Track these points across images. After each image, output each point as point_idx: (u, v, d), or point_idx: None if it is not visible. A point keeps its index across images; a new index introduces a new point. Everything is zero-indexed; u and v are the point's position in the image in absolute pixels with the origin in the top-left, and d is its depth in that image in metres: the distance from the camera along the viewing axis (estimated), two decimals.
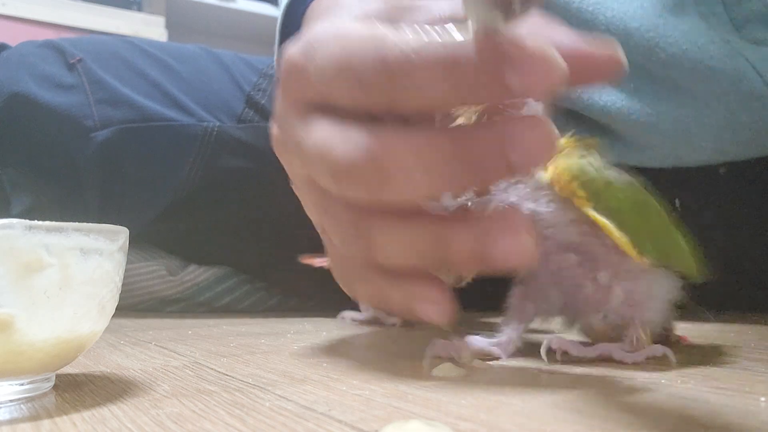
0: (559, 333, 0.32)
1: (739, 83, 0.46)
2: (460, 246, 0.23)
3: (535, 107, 0.25)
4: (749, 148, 0.49)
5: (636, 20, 0.48)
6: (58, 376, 0.26)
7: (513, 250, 0.23)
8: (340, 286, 0.29)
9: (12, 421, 0.19)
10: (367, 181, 0.22)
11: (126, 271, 0.26)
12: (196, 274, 0.64)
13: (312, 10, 0.37)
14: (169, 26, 1.82)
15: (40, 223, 0.20)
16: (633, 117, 0.50)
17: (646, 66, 0.49)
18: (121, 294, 0.25)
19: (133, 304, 0.63)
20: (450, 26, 0.22)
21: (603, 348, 0.28)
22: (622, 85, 0.51)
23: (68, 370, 0.28)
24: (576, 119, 0.55)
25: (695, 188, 0.53)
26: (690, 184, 0.53)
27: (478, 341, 0.29)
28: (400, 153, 0.22)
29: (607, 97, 0.51)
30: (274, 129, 0.28)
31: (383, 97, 0.22)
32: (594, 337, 0.31)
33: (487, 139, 0.22)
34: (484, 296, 0.52)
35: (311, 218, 0.28)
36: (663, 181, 0.53)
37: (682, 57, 0.47)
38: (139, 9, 1.84)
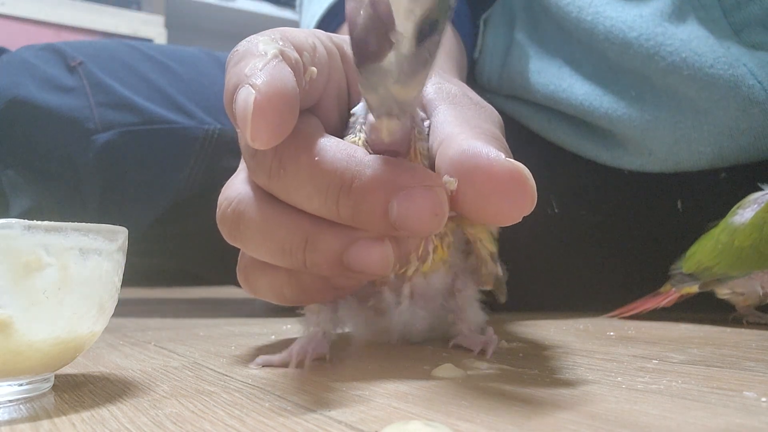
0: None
1: (738, 90, 0.46)
2: (325, 246, 0.25)
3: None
4: (749, 153, 0.49)
5: (635, 30, 0.48)
6: (57, 377, 0.26)
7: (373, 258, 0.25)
8: (243, 287, 0.30)
9: (11, 422, 0.19)
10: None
11: None
12: None
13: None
14: (169, 26, 1.83)
15: (39, 223, 0.20)
16: (633, 123, 0.50)
17: (645, 74, 0.49)
18: None
19: None
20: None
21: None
22: (622, 93, 0.51)
23: (67, 370, 0.28)
24: (576, 124, 0.55)
25: (696, 192, 0.53)
26: (691, 189, 0.53)
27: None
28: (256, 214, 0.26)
29: (608, 104, 0.51)
30: None
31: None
32: None
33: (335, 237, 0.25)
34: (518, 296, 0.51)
35: None
36: (664, 184, 0.53)
37: (681, 65, 0.47)
38: (139, 8, 1.84)
